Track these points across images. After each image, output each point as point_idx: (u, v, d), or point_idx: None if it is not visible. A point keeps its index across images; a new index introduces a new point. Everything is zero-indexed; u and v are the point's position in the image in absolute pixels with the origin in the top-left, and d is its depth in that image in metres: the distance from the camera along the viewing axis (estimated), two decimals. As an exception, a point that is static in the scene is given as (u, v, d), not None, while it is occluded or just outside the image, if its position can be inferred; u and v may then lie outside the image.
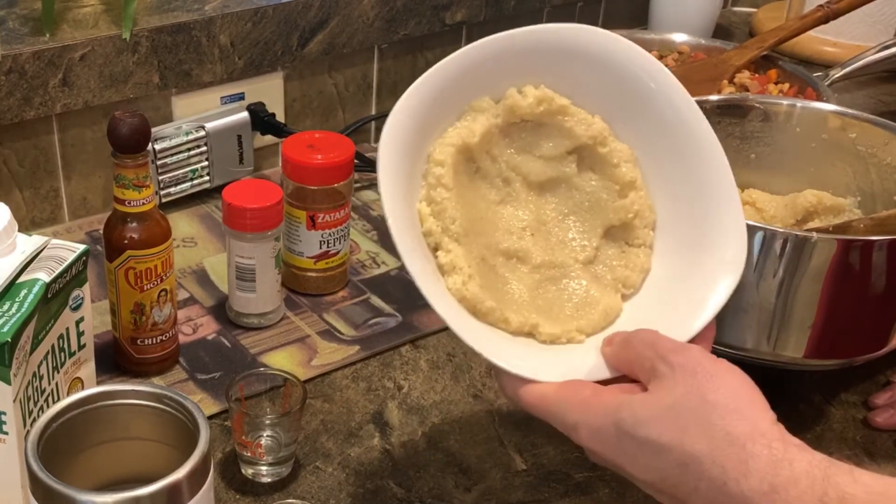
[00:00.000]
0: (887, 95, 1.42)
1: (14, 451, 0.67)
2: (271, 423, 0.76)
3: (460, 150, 0.67)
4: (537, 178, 0.70)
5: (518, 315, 0.66)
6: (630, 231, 0.69)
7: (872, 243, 0.74)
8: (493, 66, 0.68)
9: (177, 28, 1.04)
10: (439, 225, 0.65)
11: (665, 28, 1.38)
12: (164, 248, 0.82)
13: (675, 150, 0.69)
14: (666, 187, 0.69)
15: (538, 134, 0.70)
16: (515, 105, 0.68)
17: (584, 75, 0.69)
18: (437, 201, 0.66)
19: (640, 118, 0.69)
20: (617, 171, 0.69)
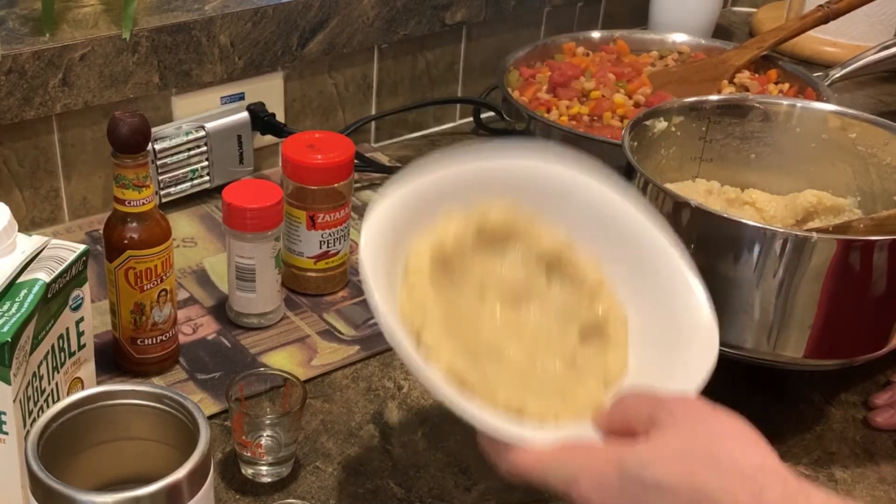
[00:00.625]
0: (887, 95, 1.42)
1: (14, 451, 0.68)
2: (271, 423, 0.76)
3: (435, 253, 0.70)
4: (510, 290, 0.72)
5: (506, 391, 0.66)
6: (604, 331, 0.71)
7: (872, 243, 0.74)
8: (463, 179, 0.73)
9: (177, 28, 1.04)
10: (420, 316, 0.67)
11: (665, 28, 1.38)
12: (164, 248, 0.82)
13: (635, 258, 0.73)
14: (632, 291, 0.72)
15: (507, 244, 0.73)
16: (484, 218, 0.72)
17: (549, 196, 0.74)
18: (418, 294, 0.68)
19: (601, 232, 0.73)
20: (584, 277, 0.72)
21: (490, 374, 0.67)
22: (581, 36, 1.24)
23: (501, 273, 0.73)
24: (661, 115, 0.91)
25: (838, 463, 0.82)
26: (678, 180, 0.93)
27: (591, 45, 1.23)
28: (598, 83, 1.12)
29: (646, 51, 1.24)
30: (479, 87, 1.35)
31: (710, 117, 0.93)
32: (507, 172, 0.74)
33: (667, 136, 0.92)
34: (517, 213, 0.73)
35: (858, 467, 0.82)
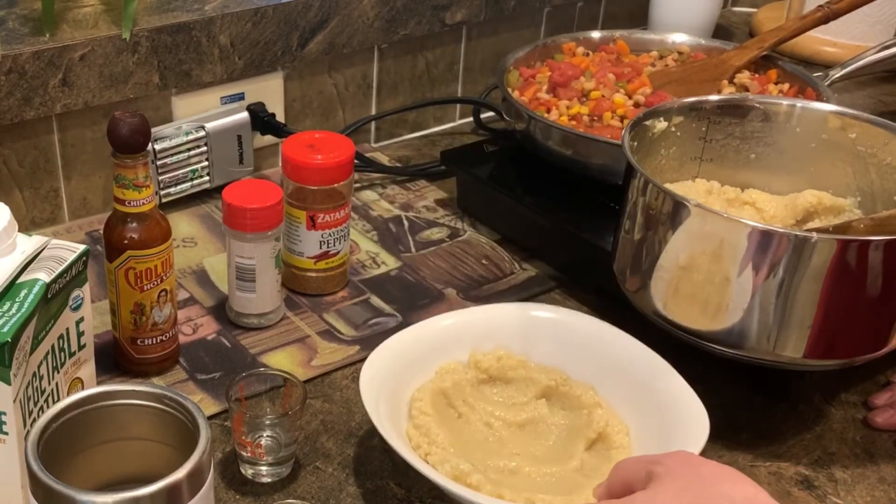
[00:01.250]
0: (887, 95, 1.42)
1: (14, 451, 0.67)
2: (271, 423, 0.76)
3: (438, 393, 0.79)
4: (516, 419, 0.80)
5: (512, 492, 0.71)
6: (607, 439, 0.78)
7: (872, 243, 0.74)
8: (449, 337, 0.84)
9: (177, 28, 1.04)
10: (426, 440, 0.75)
11: (665, 28, 1.38)
12: (164, 248, 0.82)
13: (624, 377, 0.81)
14: (628, 404, 0.80)
15: (506, 384, 0.83)
16: (478, 364, 0.82)
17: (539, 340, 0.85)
18: (422, 425, 0.76)
19: (590, 361, 0.83)
20: (581, 399, 0.80)
21: (497, 480, 0.73)
22: (581, 36, 1.24)
23: (504, 408, 0.81)
24: (661, 115, 0.91)
25: (838, 463, 0.82)
26: (678, 180, 0.93)
27: (591, 45, 1.23)
28: (598, 83, 1.12)
29: (646, 51, 1.24)
30: (479, 87, 1.35)
31: (710, 117, 0.93)
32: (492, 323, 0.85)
33: (667, 136, 0.92)
34: (509, 357, 0.83)
35: (858, 467, 0.82)
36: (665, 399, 0.79)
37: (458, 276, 1.02)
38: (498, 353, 0.83)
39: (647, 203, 0.82)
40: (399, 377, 0.79)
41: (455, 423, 0.79)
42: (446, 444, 0.75)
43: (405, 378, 0.80)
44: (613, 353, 0.83)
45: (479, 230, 1.10)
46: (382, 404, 0.75)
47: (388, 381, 0.78)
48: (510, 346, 0.84)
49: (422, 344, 0.82)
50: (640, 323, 0.86)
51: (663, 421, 0.77)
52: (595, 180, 1.02)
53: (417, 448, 0.75)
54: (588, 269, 1.00)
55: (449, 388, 0.80)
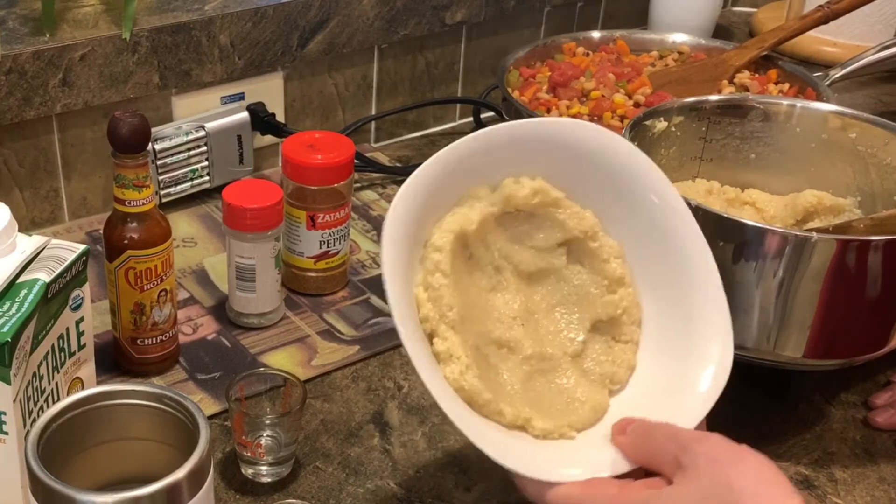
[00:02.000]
0: (887, 95, 1.42)
1: (14, 451, 0.67)
2: (271, 423, 0.76)
3: (458, 237, 0.68)
4: (527, 268, 0.71)
5: (512, 408, 0.66)
6: (617, 327, 0.71)
7: (872, 243, 0.74)
8: (493, 156, 0.69)
9: (177, 28, 1.04)
10: (436, 312, 0.66)
11: (665, 28, 1.38)
12: (164, 248, 0.82)
13: (664, 251, 0.70)
14: (653, 286, 0.71)
15: (531, 224, 0.72)
16: (511, 195, 0.70)
17: (580, 171, 0.71)
18: (435, 287, 0.66)
19: (630, 217, 0.71)
20: (606, 266, 0.71)
21: (497, 386, 0.67)
22: (581, 36, 1.24)
23: (521, 252, 0.72)
24: (661, 115, 0.91)
25: (838, 463, 0.82)
26: (678, 180, 0.93)
27: (591, 45, 1.23)
28: (598, 83, 1.12)
29: (646, 51, 1.24)
30: (479, 87, 1.35)
31: (710, 117, 0.93)
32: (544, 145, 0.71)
33: (667, 136, 0.92)
34: (546, 192, 0.71)
35: (858, 467, 0.82)
36: (696, 309, 0.69)
37: (458, 276, 1.01)
38: (535, 186, 0.70)
39: (647, 203, 0.82)
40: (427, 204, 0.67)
41: (464, 267, 0.70)
42: (454, 319, 0.66)
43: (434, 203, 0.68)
44: (665, 229, 0.70)
45: (479, 230, 1.10)
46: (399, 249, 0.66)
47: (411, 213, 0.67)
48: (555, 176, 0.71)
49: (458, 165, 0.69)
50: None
51: (685, 329, 0.69)
52: (595, 180, 1.02)
53: (425, 320, 0.66)
54: (588, 269, 0.99)
55: (472, 231, 0.69)
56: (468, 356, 0.66)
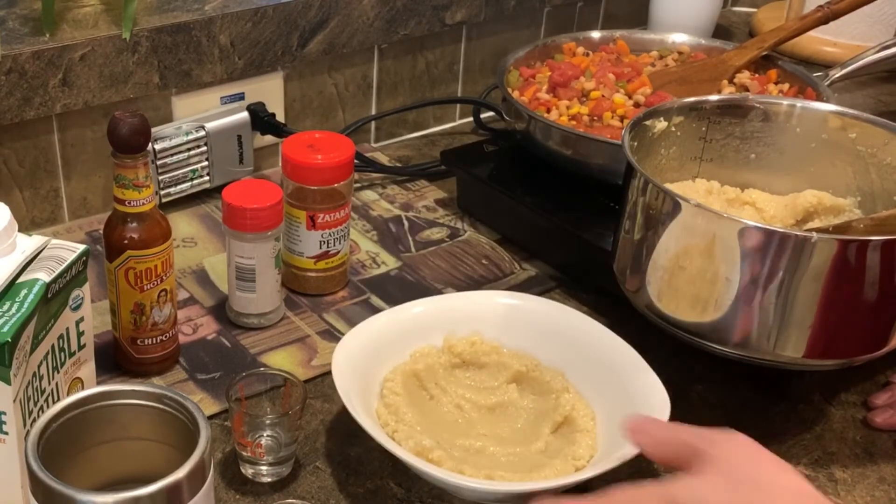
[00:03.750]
0: (887, 95, 1.42)
1: (14, 451, 0.68)
2: (271, 423, 0.76)
3: (411, 375, 0.81)
4: (486, 403, 0.82)
5: (473, 469, 0.73)
6: (573, 423, 0.79)
7: (872, 243, 0.74)
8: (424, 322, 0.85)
9: (177, 28, 1.04)
10: (395, 419, 0.77)
11: (665, 28, 1.38)
12: (164, 248, 0.82)
13: (595, 362, 0.83)
14: (597, 389, 0.82)
15: (479, 369, 0.85)
16: (452, 347, 0.84)
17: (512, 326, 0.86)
18: (391, 404, 0.78)
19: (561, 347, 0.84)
20: (550, 384, 0.82)
21: (461, 457, 0.75)
22: (581, 36, 1.24)
23: (475, 391, 0.83)
24: (661, 115, 0.91)
25: (838, 463, 0.82)
26: (678, 180, 0.93)
27: (591, 45, 1.23)
28: (598, 83, 1.12)
29: (646, 51, 1.24)
30: (479, 87, 1.35)
31: (710, 117, 0.93)
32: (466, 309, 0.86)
33: (667, 136, 0.92)
34: (482, 342, 0.85)
35: (858, 467, 0.82)
36: (630, 385, 0.80)
37: (458, 276, 1.02)
38: (472, 338, 0.85)
39: (646, 203, 0.82)
40: (373, 359, 0.81)
41: (426, 404, 0.81)
42: (414, 422, 0.77)
43: (379, 360, 0.81)
44: (584, 341, 0.84)
45: (479, 230, 1.10)
46: (354, 383, 0.77)
47: (361, 363, 0.79)
48: (484, 332, 0.86)
49: (397, 327, 0.84)
50: (640, 323, 0.86)
51: (627, 406, 0.77)
52: (595, 180, 1.02)
53: (385, 426, 0.76)
54: (588, 269, 1.00)
55: (422, 371, 0.82)
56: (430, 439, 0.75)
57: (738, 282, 0.77)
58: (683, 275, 0.80)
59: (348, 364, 0.78)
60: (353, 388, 0.76)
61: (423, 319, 0.85)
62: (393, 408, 0.78)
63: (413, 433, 0.75)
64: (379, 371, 0.81)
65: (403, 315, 0.85)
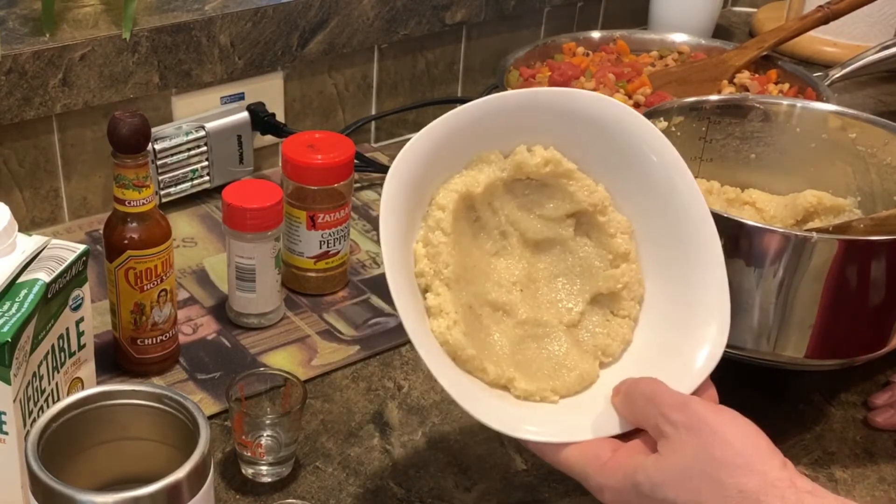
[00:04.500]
0: (887, 95, 1.42)
1: (14, 451, 0.67)
2: (271, 423, 0.76)
3: (463, 198, 0.69)
4: (534, 237, 0.72)
5: (496, 367, 0.67)
6: (617, 301, 0.71)
7: (872, 243, 0.74)
8: (507, 120, 0.69)
9: (177, 28, 1.04)
10: (432, 268, 0.67)
11: (665, 28, 1.38)
12: (164, 248, 0.82)
13: (673, 231, 0.70)
14: (659, 264, 0.71)
15: (541, 193, 0.72)
16: (523, 162, 0.70)
17: (596, 145, 0.71)
18: (434, 244, 0.67)
19: (643, 195, 0.71)
20: (612, 241, 0.71)
21: (485, 345, 0.68)
22: (581, 36, 1.24)
23: (528, 220, 0.72)
24: (661, 115, 0.91)
25: (838, 463, 0.82)
26: (678, 180, 0.93)
27: (591, 45, 1.23)
28: (598, 83, 1.12)
29: (646, 51, 1.24)
30: (479, 87, 1.35)
31: (710, 117, 0.93)
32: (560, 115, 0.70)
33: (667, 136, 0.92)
34: (559, 162, 0.70)
35: (858, 467, 0.82)
36: (698, 289, 0.69)
37: (458, 276, 1.01)
38: (547, 156, 0.70)
39: (647, 203, 0.82)
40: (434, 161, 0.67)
41: (469, 229, 0.70)
42: (450, 277, 0.66)
43: (441, 163, 0.68)
44: (676, 208, 0.70)
45: (479, 230, 1.10)
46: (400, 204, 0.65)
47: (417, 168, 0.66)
48: (569, 148, 0.71)
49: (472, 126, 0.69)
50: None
51: (684, 307, 0.69)
52: (595, 180, 1.02)
53: (420, 275, 0.66)
54: (588, 269, 0.99)
55: (478, 194, 0.69)
56: (458, 313, 0.66)
57: (737, 282, 0.77)
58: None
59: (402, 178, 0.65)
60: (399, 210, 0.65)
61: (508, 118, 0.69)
62: (433, 251, 0.66)
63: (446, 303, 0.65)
64: (438, 176, 0.68)
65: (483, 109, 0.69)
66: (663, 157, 0.70)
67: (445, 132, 0.67)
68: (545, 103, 0.70)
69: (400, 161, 0.66)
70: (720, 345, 0.67)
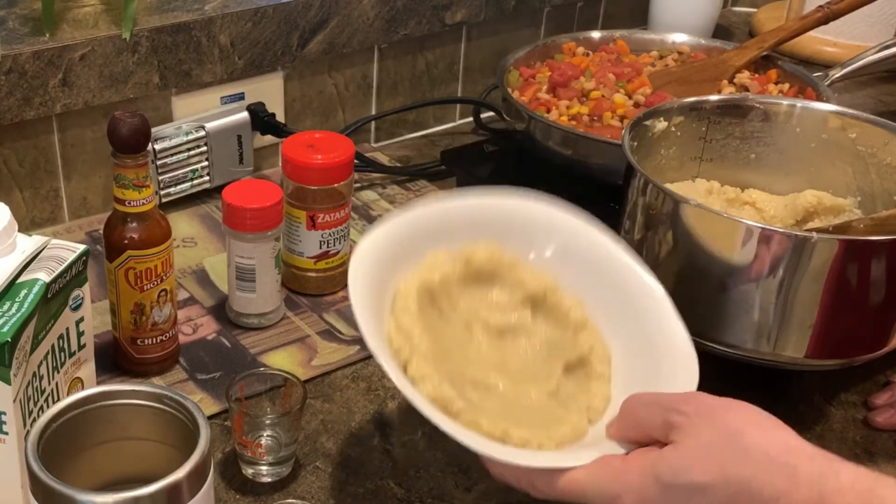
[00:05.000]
0: (887, 95, 1.42)
1: (14, 451, 0.68)
2: (271, 423, 0.76)
3: (422, 291, 0.73)
4: (496, 324, 0.75)
5: (490, 421, 0.68)
6: (588, 364, 0.74)
7: (872, 243, 0.74)
8: (449, 219, 0.77)
9: (177, 28, 1.04)
10: (408, 344, 0.69)
11: (665, 28, 1.38)
12: (164, 248, 0.82)
13: (618, 297, 0.75)
14: (614, 326, 0.75)
15: (494, 284, 0.76)
16: (470, 257, 0.75)
17: (534, 237, 0.78)
18: (405, 327, 0.70)
19: (585, 272, 0.76)
20: (568, 315, 0.75)
21: (475, 403, 0.70)
22: (581, 36, 1.24)
23: (487, 310, 0.76)
24: (661, 115, 0.91)
25: (838, 463, 0.82)
26: (678, 180, 0.93)
27: (591, 45, 1.23)
28: (598, 83, 1.12)
29: (646, 51, 1.24)
30: (479, 87, 1.35)
31: (710, 117, 0.93)
32: (493, 213, 0.78)
33: (667, 136, 0.92)
34: (502, 255, 0.76)
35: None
36: (657, 337, 0.73)
37: (458, 276, 1.01)
38: (491, 249, 0.76)
39: (647, 203, 0.82)
40: (388, 263, 0.73)
41: (436, 322, 0.74)
42: (426, 351, 0.70)
43: (395, 264, 0.73)
44: (613, 273, 0.76)
45: (479, 230, 1.10)
46: (367, 296, 0.69)
47: (375, 268, 0.72)
48: (508, 242, 0.77)
49: (418, 228, 0.75)
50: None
51: (650, 357, 0.73)
52: (595, 180, 1.02)
53: (398, 353, 0.69)
54: (588, 269, 0.99)
55: (436, 284, 0.74)
56: (441, 376, 0.68)
57: (737, 282, 0.77)
58: (683, 275, 0.80)
59: (364, 274, 0.70)
60: (368, 303, 0.69)
61: (447, 219, 0.76)
62: (406, 332, 0.70)
63: (427, 370, 0.68)
64: (394, 276, 0.73)
65: (425, 214, 0.76)
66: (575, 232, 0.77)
67: (391, 235, 0.74)
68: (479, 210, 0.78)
69: (357, 260, 0.71)
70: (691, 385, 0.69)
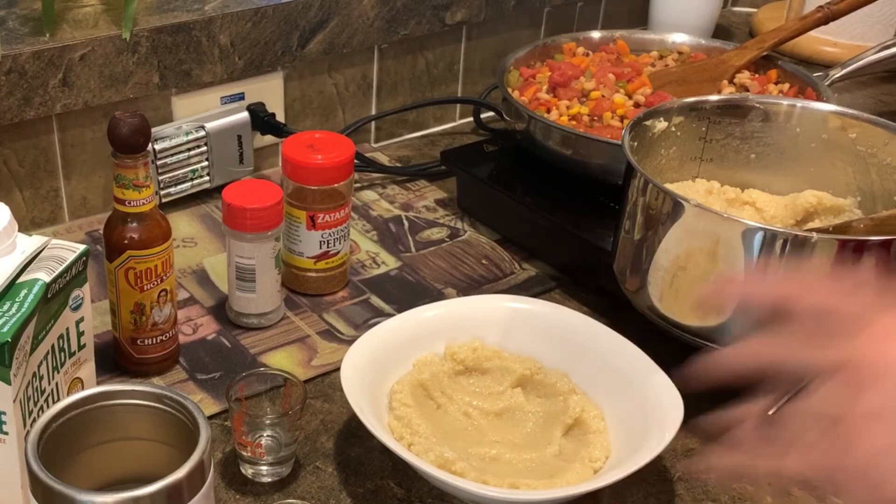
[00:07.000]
0: (887, 95, 1.42)
1: (14, 451, 0.68)
2: (271, 423, 0.76)
3: (416, 385, 0.81)
4: (492, 409, 0.82)
5: (498, 479, 0.73)
6: (585, 423, 0.80)
7: (872, 243, 0.74)
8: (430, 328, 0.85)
9: (177, 28, 1.04)
10: (409, 430, 0.77)
11: (665, 28, 1.38)
12: (164, 248, 0.82)
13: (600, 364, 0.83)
14: (601, 390, 0.82)
15: (482, 374, 0.84)
16: (454, 354, 0.84)
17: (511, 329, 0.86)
18: (404, 417, 0.77)
19: (560, 348, 0.84)
20: (556, 386, 0.82)
21: (481, 469, 0.74)
22: (581, 36, 1.24)
23: (482, 398, 0.83)
24: (661, 115, 0.91)
25: (838, 463, 0.82)
26: (678, 180, 0.93)
27: (591, 45, 1.23)
28: (598, 83, 1.12)
29: (646, 51, 1.24)
30: (479, 87, 1.35)
31: (710, 117, 0.93)
32: (469, 314, 0.86)
33: (667, 136, 0.92)
34: (484, 347, 0.84)
35: (858, 467, 0.82)
36: (639, 385, 0.79)
37: (458, 276, 1.02)
38: (473, 344, 0.84)
39: (647, 203, 0.82)
40: (378, 370, 0.80)
41: (434, 413, 0.81)
42: (428, 434, 0.76)
43: (384, 371, 0.81)
44: (587, 342, 0.84)
45: (479, 230, 1.10)
46: (363, 397, 0.76)
47: (367, 375, 0.79)
48: (485, 337, 0.85)
49: (398, 337, 0.83)
50: (640, 323, 0.86)
51: (638, 406, 0.78)
52: (595, 180, 1.02)
53: (400, 439, 0.76)
54: (588, 269, 1.00)
55: (427, 381, 0.81)
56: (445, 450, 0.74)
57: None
58: (684, 275, 0.80)
59: (357, 379, 0.77)
60: (365, 402, 0.76)
61: (424, 327, 0.85)
62: (405, 420, 0.77)
63: (431, 445, 0.75)
64: (385, 382, 0.81)
65: (405, 324, 0.85)
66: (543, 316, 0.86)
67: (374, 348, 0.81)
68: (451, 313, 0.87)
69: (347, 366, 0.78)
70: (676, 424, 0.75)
